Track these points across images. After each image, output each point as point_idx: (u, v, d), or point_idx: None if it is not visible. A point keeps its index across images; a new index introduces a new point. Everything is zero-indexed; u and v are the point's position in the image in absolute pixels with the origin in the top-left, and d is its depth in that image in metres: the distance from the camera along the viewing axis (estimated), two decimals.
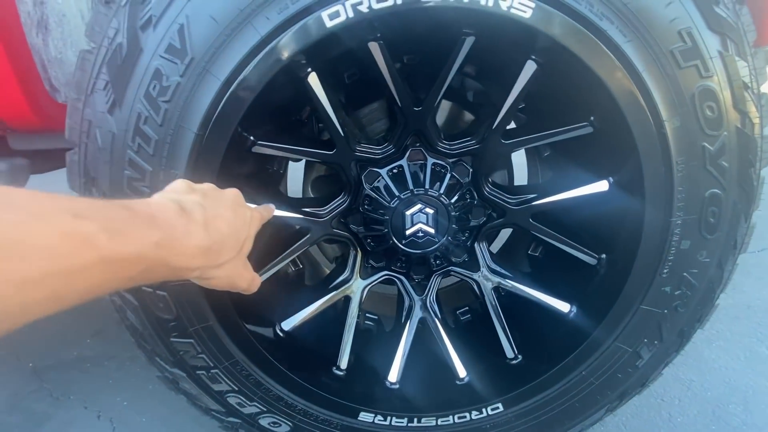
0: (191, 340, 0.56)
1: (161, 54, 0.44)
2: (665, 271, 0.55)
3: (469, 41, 0.49)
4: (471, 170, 0.64)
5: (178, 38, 0.43)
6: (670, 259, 0.55)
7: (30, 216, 0.25)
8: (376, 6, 0.43)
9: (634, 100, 0.47)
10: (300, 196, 0.82)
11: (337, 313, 0.69)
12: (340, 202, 0.65)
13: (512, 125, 0.66)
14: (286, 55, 0.45)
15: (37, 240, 0.25)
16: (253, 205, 0.48)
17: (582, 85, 0.48)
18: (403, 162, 0.64)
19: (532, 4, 0.43)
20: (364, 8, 0.43)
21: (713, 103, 0.47)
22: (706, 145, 0.49)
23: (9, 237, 0.23)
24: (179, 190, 0.40)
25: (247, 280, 0.45)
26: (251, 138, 0.54)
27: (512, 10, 0.44)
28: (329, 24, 0.43)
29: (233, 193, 0.44)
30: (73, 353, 1.21)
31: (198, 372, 0.58)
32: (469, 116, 0.74)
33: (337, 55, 0.48)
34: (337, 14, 0.43)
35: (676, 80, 0.46)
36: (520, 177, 0.85)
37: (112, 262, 0.29)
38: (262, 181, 0.71)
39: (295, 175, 0.84)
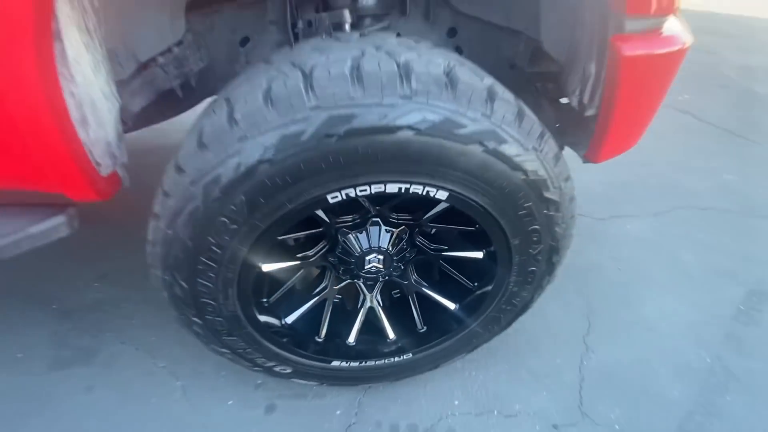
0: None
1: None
2: (503, 299, 1.04)
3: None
4: (408, 231, 1.02)
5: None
6: (507, 293, 1.03)
7: None
8: (358, 193, 0.74)
9: (498, 231, 0.87)
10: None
11: (317, 307, 1.12)
12: (321, 248, 1.01)
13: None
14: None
15: None
16: None
17: (473, 220, 0.86)
18: (366, 227, 0.99)
19: (446, 194, 0.78)
20: (352, 194, 0.74)
21: (537, 237, 0.89)
22: (530, 250, 0.92)
23: None
24: None
25: None
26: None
27: (436, 196, 0.78)
28: (331, 201, 0.74)
29: None
30: (88, 296, 1.53)
31: (225, 349, 1.00)
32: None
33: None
34: (336, 196, 0.74)
35: (522, 226, 0.86)
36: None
37: None
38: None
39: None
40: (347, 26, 1.01)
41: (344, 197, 0.74)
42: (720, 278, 1.73)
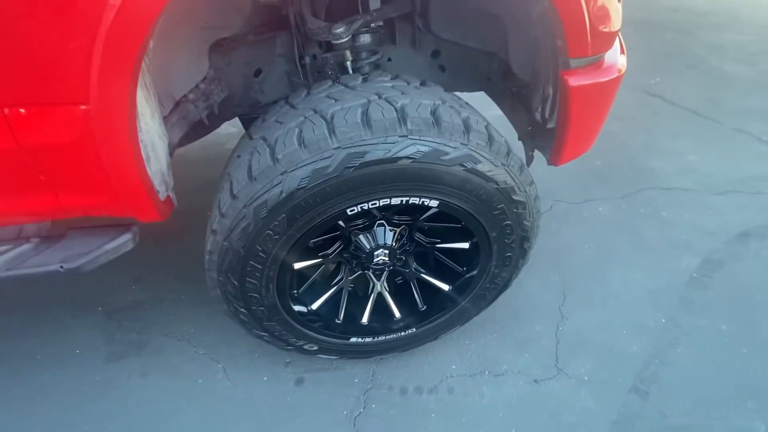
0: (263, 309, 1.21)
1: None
2: (487, 280, 1.30)
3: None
4: (408, 230, 1.27)
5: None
6: (489, 275, 1.29)
7: None
8: (370, 206, 0.98)
9: (479, 227, 1.12)
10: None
11: (336, 294, 1.37)
12: (338, 246, 1.26)
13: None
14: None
15: None
16: None
17: (459, 220, 1.11)
18: (373, 229, 1.24)
19: (437, 203, 1.02)
20: (365, 207, 0.98)
21: (510, 229, 1.15)
22: (505, 240, 1.18)
23: None
24: None
25: None
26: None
27: (429, 204, 1.02)
28: (349, 213, 0.99)
29: None
30: (128, 298, 1.77)
31: (264, 332, 1.25)
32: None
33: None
34: (353, 209, 0.98)
35: (497, 222, 1.12)
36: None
37: None
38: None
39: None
40: (348, 63, 1.23)
41: (359, 210, 0.98)
42: (677, 250, 2.02)
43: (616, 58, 1.16)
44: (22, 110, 0.82)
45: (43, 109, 0.82)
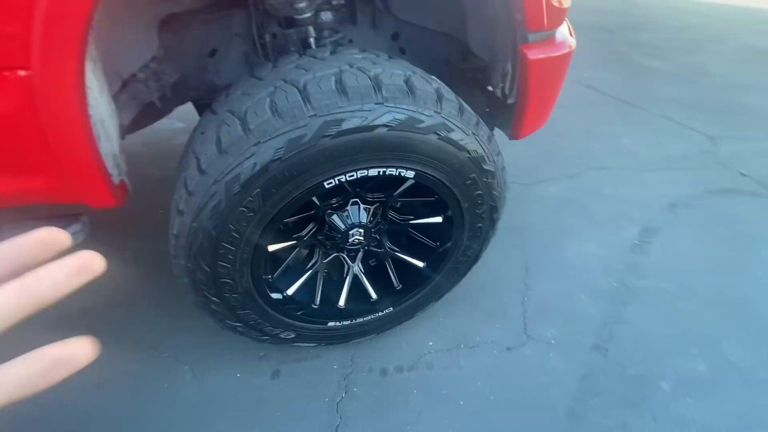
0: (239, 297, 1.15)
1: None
2: (460, 253, 1.33)
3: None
4: (382, 208, 1.26)
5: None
6: (462, 247, 1.32)
7: None
8: (347, 179, 0.97)
9: (452, 198, 1.15)
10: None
11: (311, 278, 1.34)
12: (311, 228, 1.23)
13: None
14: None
15: None
16: None
17: (433, 192, 1.13)
18: (348, 207, 1.22)
19: (413, 173, 1.03)
20: (343, 179, 0.97)
21: (481, 200, 1.18)
22: (477, 211, 1.22)
23: None
24: None
25: None
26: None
27: (406, 174, 1.03)
28: (327, 186, 0.96)
29: None
30: (73, 308, 1.59)
31: (238, 322, 1.19)
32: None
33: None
34: (331, 182, 0.96)
35: (469, 192, 1.14)
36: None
37: None
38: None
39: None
40: (312, 40, 1.20)
41: (337, 182, 0.97)
42: (620, 221, 2.21)
43: (566, 35, 1.23)
44: None
45: None
